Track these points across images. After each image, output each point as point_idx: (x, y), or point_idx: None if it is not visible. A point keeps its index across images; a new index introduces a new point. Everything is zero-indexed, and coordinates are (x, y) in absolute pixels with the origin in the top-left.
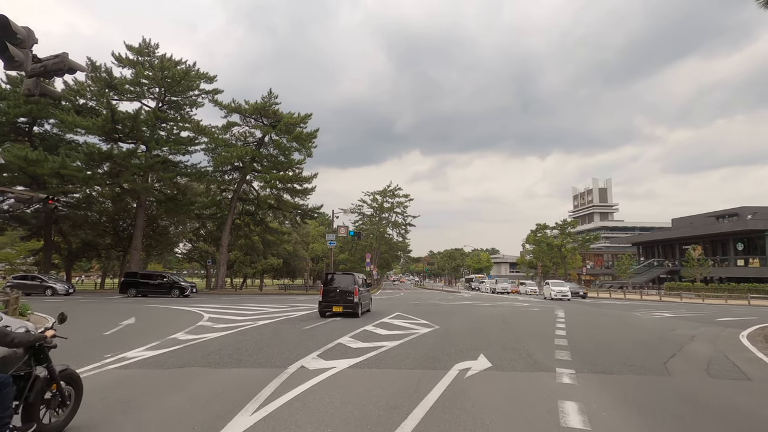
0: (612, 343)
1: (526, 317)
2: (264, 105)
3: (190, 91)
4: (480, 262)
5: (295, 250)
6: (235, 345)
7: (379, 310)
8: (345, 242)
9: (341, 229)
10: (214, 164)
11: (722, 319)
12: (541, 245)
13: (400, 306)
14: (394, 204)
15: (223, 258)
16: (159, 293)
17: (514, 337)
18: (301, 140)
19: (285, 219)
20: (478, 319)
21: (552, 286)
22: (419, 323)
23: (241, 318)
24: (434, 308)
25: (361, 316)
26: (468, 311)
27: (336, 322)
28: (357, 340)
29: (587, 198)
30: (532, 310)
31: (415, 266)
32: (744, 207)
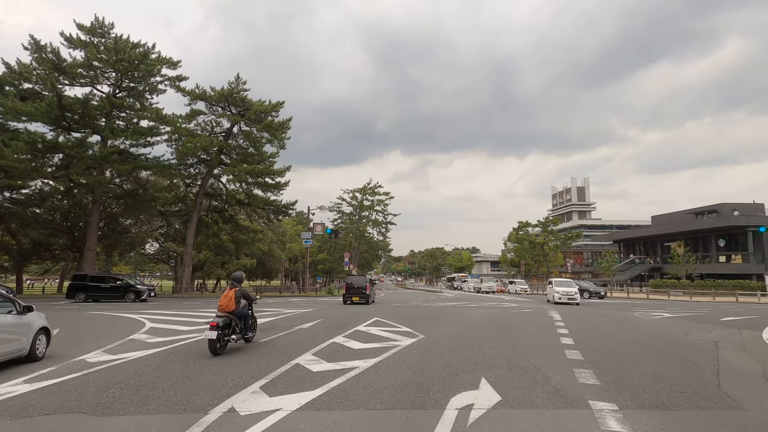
0: (634, 355)
1: (519, 321)
2: (231, 91)
3: (151, 76)
4: (462, 261)
5: (271, 249)
6: (157, 370)
7: (353, 316)
8: (324, 241)
9: (318, 227)
10: (177, 156)
11: (726, 319)
12: (524, 243)
13: (379, 309)
14: (374, 202)
15: (189, 258)
16: (112, 298)
17: (515, 349)
18: (272, 130)
19: (256, 216)
20: (467, 325)
21: (556, 286)
22: (400, 331)
23: (188, 328)
24: (416, 311)
25: (339, 325)
26: (454, 314)
27: (301, 333)
28: (320, 359)
29: (566, 197)
30: (524, 312)
31: (396, 266)
32: (723, 203)
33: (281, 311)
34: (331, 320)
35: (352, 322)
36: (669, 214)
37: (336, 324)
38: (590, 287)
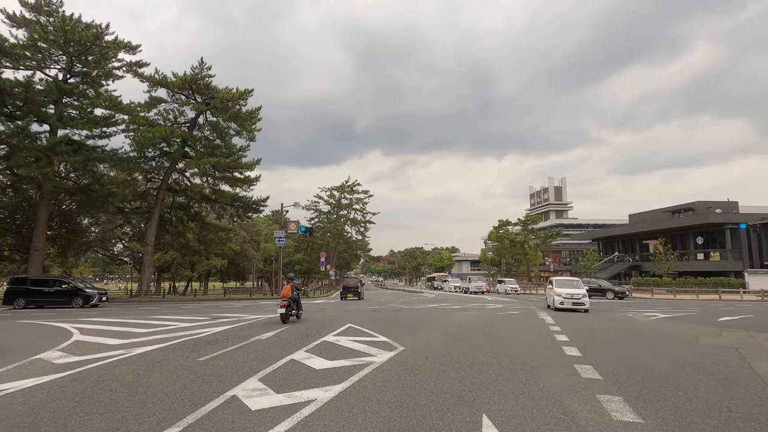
0: (658, 370)
1: (510, 325)
2: (194, 77)
3: (106, 60)
4: (441, 261)
5: (244, 249)
6: (50, 408)
7: (323, 322)
8: (301, 241)
9: (292, 225)
10: (136, 148)
11: (723, 319)
12: (504, 242)
13: (354, 313)
14: (352, 200)
15: (149, 259)
16: (57, 303)
17: (515, 363)
18: (240, 120)
19: (225, 213)
20: (453, 332)
21: (557, 287)
22: (376, 342)
23: (121, 342)
24: (396, 315)
25: (305, 335)
26: (437, 319)
27: (256, 346)
28: (267, 388)
29: (543, 196)
30: (512, 314)
31: (375, 266)
32: (699, 202)
33: (244, 317)
34: (296, 328)
35: (321, 331)
36: (646, 213)
37: (302, 333)
38: (613, 286)
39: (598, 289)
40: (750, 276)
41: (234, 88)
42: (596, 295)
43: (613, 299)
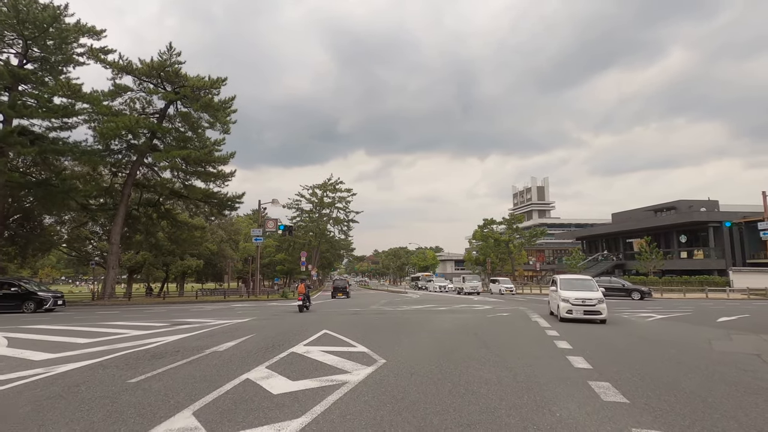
0: (687, 386)
1: (504, 330)
2: (162, 64)
3: (66, 45)
4: (426, 260)
5: (221, 249)
6: None
7: (296, 327)
8: (282, 241)
9: (270, 224)
10: (100, 140)
11: (723, 320)
12: (489, 241)
13: (332, 316)
14: (335, 199)
15: (114, 260)
16: (4, 308)
17: (518, 382)
18: (212, 110)
19: (197, 210)
20: (441, 340)
21: (564, 290)
22: (353, 353)
23: (50, 356)
24: (378, 319)
25: (272, 345)
26: (423, 323)
27: (209, 361)
28: (199, 429)
29: (526, 196)
30: (502, 316)
31: (359, 266)
32: (681, 200)
33: (208, 322)
34: (264, 336)
35: (292, 339)
36: (629, 212)
37: (268, 343)
38: (639, 286)
39: (621, 289)
40: (734, 274)
41: (206, 76)
42: (620, 295)
43: (639, 299)
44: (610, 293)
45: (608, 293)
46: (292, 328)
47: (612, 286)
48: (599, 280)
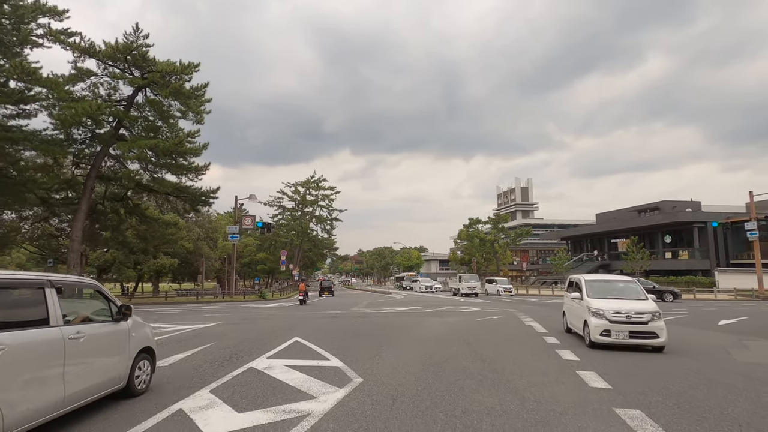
0: (738, 416)
1: (498, 337)
2: (128, 47)
3: (23, 24)
4: (410, 260)
5: (198, 247)
6: None
7: (265, 335)
8: (263, 239)
9: (247, 220)
10: (59, 127)
11: (725, 323)
12: (474, 240)
13: (309, 320)
14: (318, 197)
15: (75, 258)
16: None
17: (529, 412)
18: (183, 97)
19: (169, 206)
20: (429, 350)
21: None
22: (324, 369)
23: None
24: (358, 323)
25: (230, 356)
26: (409, 327)
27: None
28: None
29: (510, 197)
30: (493, 319)
31: (343, 265)
32: (664, 201)
33: (166, 328)
34: (223, 346)
35: (254, 350)
36: (613, 212)
37: (225, 354)
38: (670, 287)
39: (652, 291)
40: (720, 275)
41: (177, 61)
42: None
43: (671, 302)
44: None
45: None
46: (260, 335)
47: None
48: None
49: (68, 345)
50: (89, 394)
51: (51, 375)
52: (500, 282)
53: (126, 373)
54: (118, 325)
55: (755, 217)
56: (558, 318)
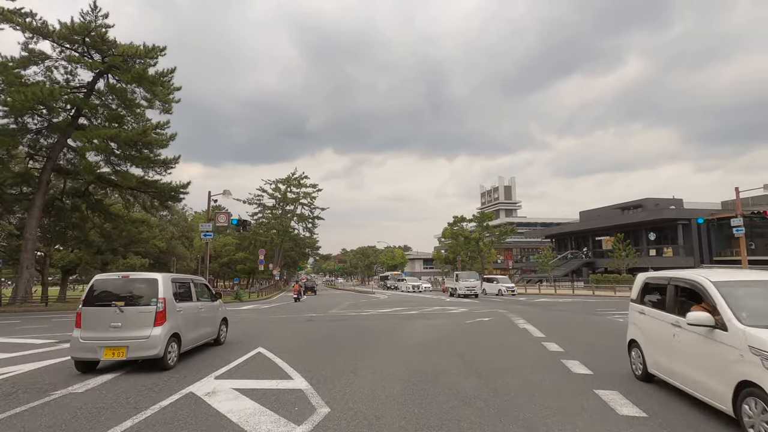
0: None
1: (492, 343)
2: (86, 27)
3: None
4: (394, 259)
5: (172, 247)
6: None
7: (227, 343)
8: (243, 238)
9: (221, 217)
10: (11, 114)
11: None
12: (459, 239)
13: (281, 325)
14: (300, 195)
15: (29, 257)
16: None
17: None
18: (147, 83)
19: (135, 202)
20: (415, 363)
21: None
22: (282, 394)
23: None
24: (334, 328)
25: (170, 377)
26: (391, 332)
27: (24, 418)
28: None
29: (494, 195)
30: (483, 322)
31: (327, 265)
32: (647, 198)
33: None
34: (152, 366)
35: (203, 367)
36: (596, 210)
37: (166, 373)
38: None
39: None
40: None
41: (141, 44)
42: None
43: None
44: None
45: None
46: (217, 346)
47: None
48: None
49: (200, 311)
50: (203, 338)
51: (194, 325)
52: (502, 281)
53: (216, 331)
54: (214, 303)
55: (741, 213)
56: (551, 319)
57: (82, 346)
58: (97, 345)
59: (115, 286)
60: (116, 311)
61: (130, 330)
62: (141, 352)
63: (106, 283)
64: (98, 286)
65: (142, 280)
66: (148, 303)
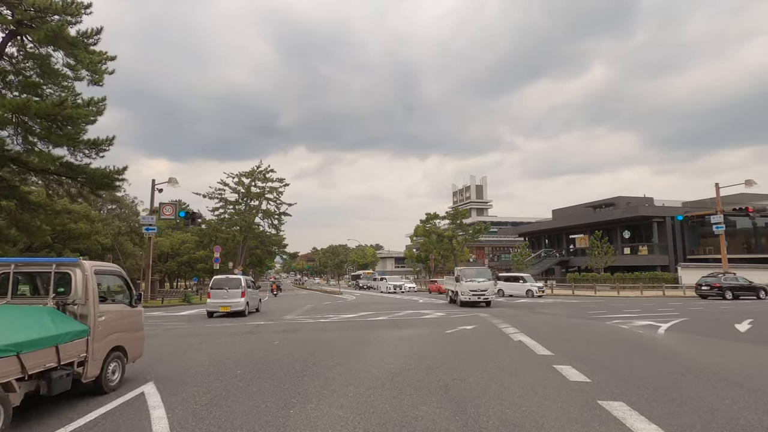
0: None
1: (489, 367)
2: None
3: None
4: (365, 258)
5: (119, 243)
6: None
7: (126, 367)
8: (203, 235)
9: (166, 209)
10: None
11: (747, 328)
12: (432, 236)
13: (209, 339)
14: (265, 189)
15: None
16: None
17: None
18: (66, 45)
19: (60, 189)
20: (381, 413)
21: None
22: None
23: None
24: (279, 345)
25: None
26: (351, 351)
27: None
28: None
29: (465, 194)
30: (467, 332)
31: (297, 264)
32: (619, 197)
33: None
34: None
35: (47, 419)
36: (569, 208)
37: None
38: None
39: (747, 287)
40: (683, 270)
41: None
42: (749, 295)
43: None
44: (741, 293)
45: (739, 293)
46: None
47: (740, 284)
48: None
49: (252, 294)
50: (252, 308)
51: (249, 300)
52: (527, 281)
53: (257, 305)
54: (254, 289)
55: (721, 210)
56: (544, 326)
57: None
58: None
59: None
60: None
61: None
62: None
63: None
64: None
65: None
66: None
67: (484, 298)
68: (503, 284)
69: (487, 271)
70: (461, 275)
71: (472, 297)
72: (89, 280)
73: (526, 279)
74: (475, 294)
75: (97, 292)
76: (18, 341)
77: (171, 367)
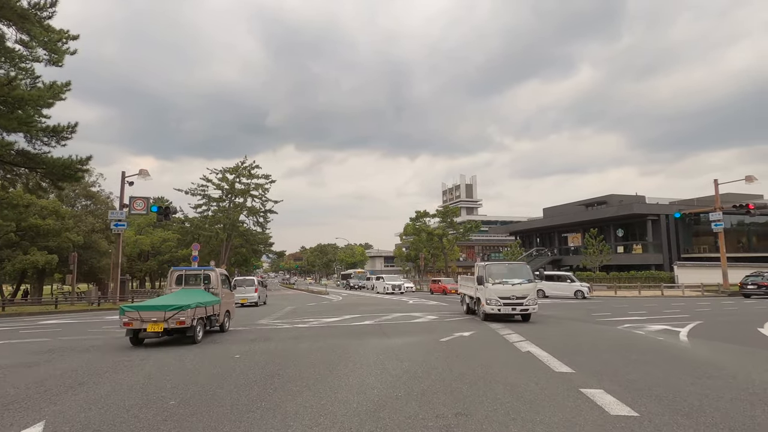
0: None
1: (498, 393)
2: None
3: None
4: (354, 257)
5: (92, 241)
6: None
7: (9, 403)
8: (185, 233)
9: (137, 203)
10: None
11: (765, 332)
12: (421, 235)
13: (149, 356)
14: (250, 186)
15: None
16: None
17: None
18: (15, 16)
19: (17, 179)
20: None
21: None
22: None
23: None
24: (239, 359)
25: None
26: (326, 368)
27: None
28: None
29: (455, 193)
30: (464, 339)
31: (285, 263)
32: (611, 195)
33: None
34: None
35: None
36: (560, 206)
37: None
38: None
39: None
40: (679, 269)
41: None
42: None
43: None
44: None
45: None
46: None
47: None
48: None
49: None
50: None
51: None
52: (575, 278)
53: (266, 299)
54: (263, 287)
55: (719, 207)
56: (554, 333)
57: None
58: None
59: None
60: None
61: None
62: None
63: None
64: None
65: None
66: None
67: (522, 309)
68: (545, 284)
69: (525, 269)
70: (486, 274)
71: (503, 308)
72: (218, 277)
73: (573, 278)
74: (508, 303)
75: (221, 283)
76: (194, 303)
77: (86, 395)
